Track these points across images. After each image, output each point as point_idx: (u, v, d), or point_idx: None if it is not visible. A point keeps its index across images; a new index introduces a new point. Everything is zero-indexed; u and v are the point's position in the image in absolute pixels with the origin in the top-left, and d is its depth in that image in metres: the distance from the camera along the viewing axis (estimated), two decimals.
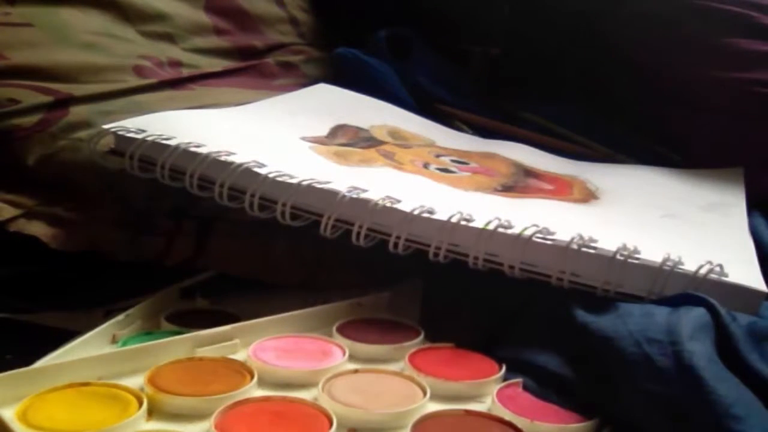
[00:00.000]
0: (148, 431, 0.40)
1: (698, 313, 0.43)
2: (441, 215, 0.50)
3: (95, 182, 0.58)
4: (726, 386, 0.39)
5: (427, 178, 0.60)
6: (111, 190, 0.58)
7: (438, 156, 0.67)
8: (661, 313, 0.44)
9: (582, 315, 0.46)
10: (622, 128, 0.80)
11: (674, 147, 0.77)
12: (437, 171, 0.63)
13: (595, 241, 0.49)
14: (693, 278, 0.47)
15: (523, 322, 0.50)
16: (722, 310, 0.43)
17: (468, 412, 0.44)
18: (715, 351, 0.41)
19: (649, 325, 0.43)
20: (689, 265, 0.48)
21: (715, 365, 0.40)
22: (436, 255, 0.50)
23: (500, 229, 0.49)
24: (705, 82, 0.74)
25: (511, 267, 0.49)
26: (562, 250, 0.48)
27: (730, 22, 0.73)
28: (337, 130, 0.68)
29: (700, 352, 0.41)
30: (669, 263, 0.47)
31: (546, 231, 0.49)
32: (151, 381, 0.43)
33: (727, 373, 0.40)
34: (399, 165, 0.62)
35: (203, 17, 0.78)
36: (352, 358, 0.49)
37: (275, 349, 0.48)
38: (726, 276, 0.47)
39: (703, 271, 0.47)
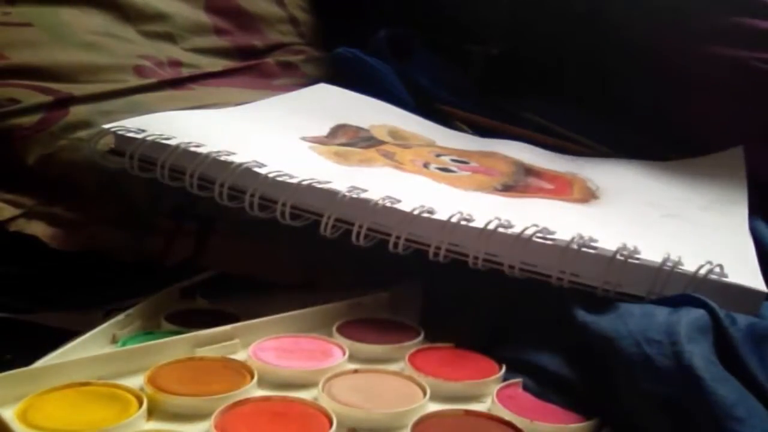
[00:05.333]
0: (148, 431, 0.40)
1: (698, 315, 0.43)
2: (441, 215, 0.50)
3: (95, 182, 0.58)
4: (726, 387, 0.39)
5: (428, 178, 0.60)
6: (111, 190, 0.58)
7: (438, 155, 0.67)
8: (662, 313, 0.44)
9: (582, 315, 0.46)
10: (623, 127, 0.80)
11: (676, 129, 0.77)
12: (437, 170, 0.63)
13: (595, 241, 0.49)
14: (693, 278, 0.47)
15: (523, 322, 0.50)
16: (721, 313, 0.43)
17: (468, 412, 0.44)
18: (714, 353, 0.41)
19: (650, 325, 0.43)
20: (689, 265, 0.48)
21: (714, 366, 0.40)
22: (436, 255, 0.50)
23: (500, 229, 0.49)
24: (707, 60, 0.74)
25: (511, 267, 0.49)
26: (562, 250, 0.48)
27: (733, 1, 0.73)
28: (337, 130, 0.67)
29: (700, 353, 0.41)
30: (669, 263, 0.47)
31: (546, 231, 0.49)
32: (151, 381, 0.43)
33: (727, 375, 0.40)
34: (399, 165, 0.62)
35: (203, 17, 0.78)
36: (352, 358, 0.49)
37: (275, 349, 0.48)
38: (726, 276, 0.47)
39: (703, 271, 0.47)
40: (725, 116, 0.74)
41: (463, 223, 0.50)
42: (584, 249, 0.48)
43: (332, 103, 0.74)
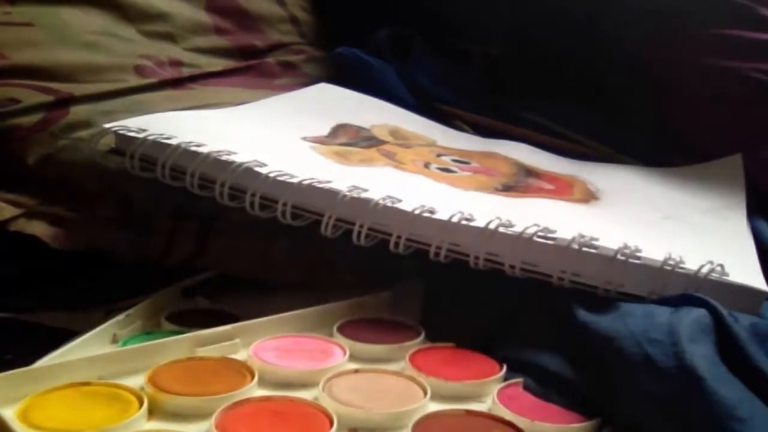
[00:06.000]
0: (149, 431, 0.40)
1: (699, 315, 0.43)
2: (442, 215, 0.50)
3: (96, 182, 0.58)
4: (728, 388, 0.39)
5: (428, 178, 0.60)
6: (111, 190, 0.57)
7: (439, 155, 0.67)
8: (663, 313, 0.44)
9: (583, 315, 0.46)
10: (623, 127, 0.80)
11: (675, 137, 0.77)
12: (438, 170, 0.63)
13: (596, 240, 0.48)
14: (694, 278, 0.47)
15: (524, 322, 0.50)
16: (724, 312, 0.43)
17: (468, 412, 0.44)
18: (716, 353, 0.41)
19: (651, 325, 0.43)
20: (690, 265, 0.47)
21: (716, 367, 0.40)
22: (437, 255, 0.50)
23: (501, 229, 0.49)
24: (705, 71, 0.75)
25: (512, 267, 0.49)
26: (563, 249, 0.48)
27: (733, 14, 0.74)
28: (338, 130, 0.67)
29: (701, 353, 0.40)
30: (670, 263, 0.47)
31: (547, 230, 0.49)
32: (152, 381, 0.43)
33: (728, 375, 0.40)
34: (400, 164, 0.62)
35: (204, 17, 0.78)
36: (353, 357, 0.49)
37: (276, 349, 0.48)
38: (727, 276, 0.47)
39: (704, 270, 0.47)
40: (725, 124, 0.74)
41: (464, 222, 0.50)
42: (585, 249, 0.48)
43: (333, 103, 0.74)
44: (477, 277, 0.50)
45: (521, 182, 0.64)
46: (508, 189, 0.61)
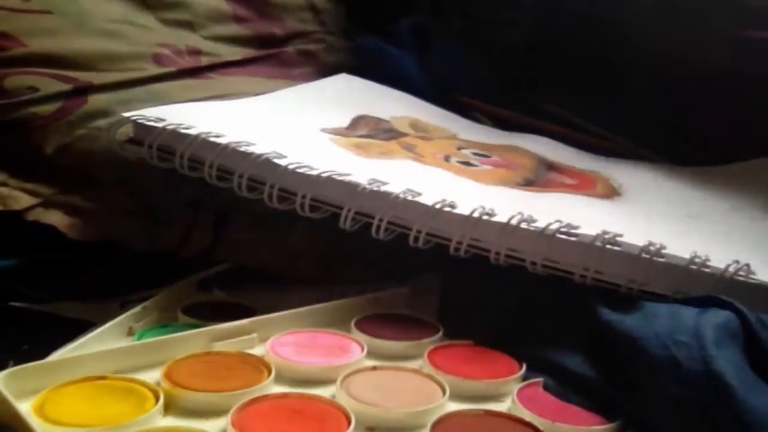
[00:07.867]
0: (165, 427, 0.40)
1: (726, 317, 0.42)
2: (463, 209, 0.50)
3: (113, 171, 0.57)
4: (757, 395, 0.38)
5: (448, 171, 0.59)
6: (129, 180, 0.57)
7: (459, 149, 0.66)
8: (689, 314, 0.43)
9: (606, 313, 0.45)
10: (645, 123, 0.79)
11: (697, 138, 0.76)
12: (458, 164, 0.62)
13: (620, 237, 0.48)
14: (720, 278, 0.46)
15: (545, 320, 0.49)
16: (751, 317, 0.42)
17: (488, 413, 0.43)
18: (744, 358, 0.40)
19: (677, 326, 0.42)
20: (716, 264, 0.46)
21: (744, 374, 0.39)
22: (457, 250, 0.49)
23: (523, 225, 0.48)
24: (729, 73, 0.73)
25: (534, 263, 0.48)
26: (587, 246, 0.47)
27: (758, 15, 0.72)
28: (358, 122, 0.67)
29: (727, 358, 0.39)
30: (696, 261, 0.46)
31: (570, 227, 0.48)
32: (168, 376, 0.43)
33: (757, 382, 0.39)
34: (420, 157, 0.61)
35: (223, 4, 0.78)
36: (371, 354, 0.48)
37: (293, 344, 0.48)
38: (753, 276, 0.46)
39: (730, 270, 0.46)
40: (748, 126, 0.73)
41: (485, 217, 0.49)
42: (609, 246, 0.47)
43: (353, 94, 0.73)
44: (497, 273, 0.49)
45: (543, 176, 0.63)
46: (529, 183, 0.61)
